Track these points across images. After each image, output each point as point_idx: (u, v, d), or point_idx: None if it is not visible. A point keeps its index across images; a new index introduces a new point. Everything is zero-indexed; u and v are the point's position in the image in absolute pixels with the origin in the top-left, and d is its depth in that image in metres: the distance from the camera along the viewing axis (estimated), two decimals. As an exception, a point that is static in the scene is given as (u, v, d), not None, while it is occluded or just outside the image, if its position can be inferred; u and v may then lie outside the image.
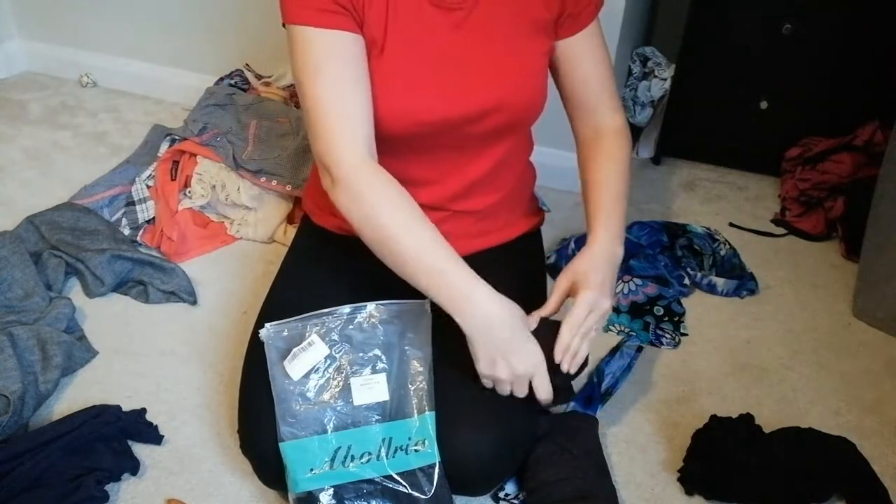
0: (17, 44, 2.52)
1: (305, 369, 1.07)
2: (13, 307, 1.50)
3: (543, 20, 1.15)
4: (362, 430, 1.07)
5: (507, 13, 1.13)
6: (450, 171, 1.20)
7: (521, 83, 1.15)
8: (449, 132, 1.15)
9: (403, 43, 1.10)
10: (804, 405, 1.42)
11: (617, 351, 1.51)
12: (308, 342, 1.08)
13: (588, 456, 1.21)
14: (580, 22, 1.18)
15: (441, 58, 1.11)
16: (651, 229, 1.77)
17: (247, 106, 1.93)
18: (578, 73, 1.22)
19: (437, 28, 1.11)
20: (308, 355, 1.08)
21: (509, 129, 1.20)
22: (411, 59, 1.10)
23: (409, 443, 1.08)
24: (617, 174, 1.22)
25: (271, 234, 1.79)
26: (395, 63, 1.10)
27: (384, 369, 1.10)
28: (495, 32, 1.13)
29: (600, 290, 1.11)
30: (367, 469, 1.06)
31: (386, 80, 1.09)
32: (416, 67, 1.10)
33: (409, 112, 1.11)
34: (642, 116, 2.18)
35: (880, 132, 1.86)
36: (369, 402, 1.08)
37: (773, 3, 1.89)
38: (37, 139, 2.19)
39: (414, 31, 1.10)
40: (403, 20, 1.09)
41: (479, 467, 1.09)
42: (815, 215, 1.89)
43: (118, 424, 1.28)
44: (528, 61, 1.16)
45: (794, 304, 1.67)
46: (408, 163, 1.18)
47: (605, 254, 1.15)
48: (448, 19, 1.11)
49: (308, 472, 1.05)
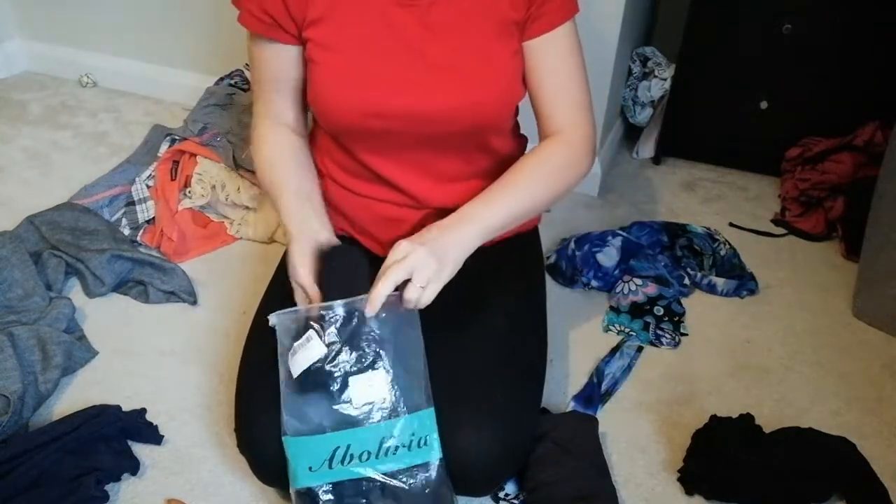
0: (17, 44, 2.52)
1: (304, 366, 1.07)
2: (13, 307, 1.50)
3: (511, 20, 1.14)
4: (362, 429, 1.07)
5: (470, 12, 1.12)
6: (424, 170, 1.21)
7: (488, 83, 1.14)
8: (417, 129, 1.14)
9: (360, 38, 1.12)
10: (804, 405, 1.42)
11: (617, 351, 1.51)
12: (306, 338, 1.08)
13: (588, 456, 1.21)
14: (540, 26, 1.15)
15: (402, 53, 1.12)
16: (651, 229, 1.77)
17: (247, 106, 1.93)
18: (533, 80, 1.18)
19: (399, 24, 1.12)
20: (306, 353, 1.07)
21: (482, 130, 1.19)
22: (368, 54, 1.12)
23: (412, 439, 1.07)
24: (530, 172, 1.17)
25: (271, 234, 1.79)
26: (348, 58, 1.12)
27: (383, 366, 1.10)
28: (460, 31, 1.12)
29: (419, 240, 1.07)
30: (367, 467, 1.06)
31: (339, 74, 1.13)
32: (373, 62, 1.12)
33: (361, 103, 1.12)
34: (642, 116, 2.18)
35: (880, 132, 1.85)
36: (369, 399, 1.07)
37: (773, 3, 1.88)
38: (37, 139, 2.19)
39: (374, 28, 1.12)
40: (359, 14, 1.12)
41: (483, 467, 1.09)
42: (815, 215, 1.89)
43: (118, 424, 1.28)
44: (494, 61, 1.14)
45: (794, 304, 1.67)
46: (386, 161, 1.20)
47: (448, 222, 1.11)
48: (411, 15, 1.12)
49: (307, 469, 1.05)
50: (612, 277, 1.65)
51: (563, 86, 1.19)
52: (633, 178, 2.11)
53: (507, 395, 1.12)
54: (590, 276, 1.66)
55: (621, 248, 1.68)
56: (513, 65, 1.16)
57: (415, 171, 1.21)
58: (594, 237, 1.70)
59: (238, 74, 2.08)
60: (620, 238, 1.69)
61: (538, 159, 1.19)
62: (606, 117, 1.97)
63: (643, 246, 1.70)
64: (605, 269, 1.66)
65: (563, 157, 1.19)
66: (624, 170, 2.14)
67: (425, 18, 1.12)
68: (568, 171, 1.20)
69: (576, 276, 1.67)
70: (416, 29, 1.12)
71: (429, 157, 1.20)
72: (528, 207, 1.17)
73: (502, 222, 1.15)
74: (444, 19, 1.12)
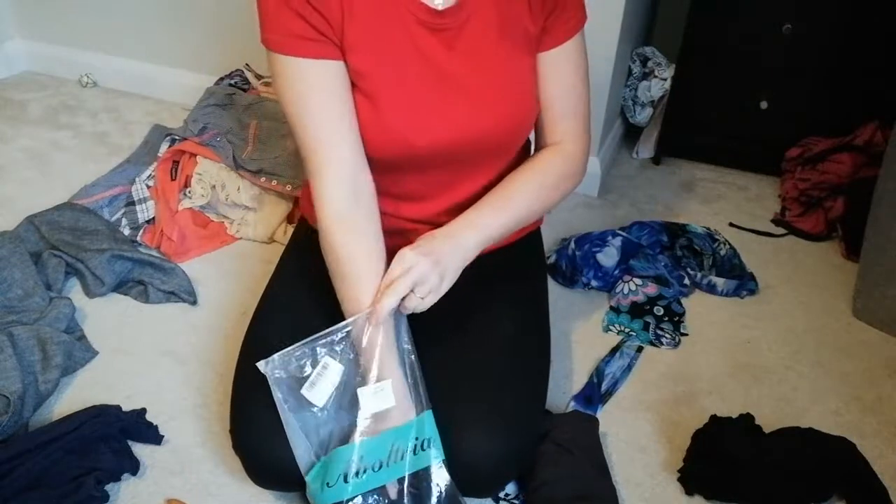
0: (17, 44, 2.52)
1: (328, 392, 1.07)
2: (13, 307, 1.50)
3: (530, 35, 1.14)
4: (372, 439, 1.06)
5: (496, 32, 1.11)
6: (444, 188, 1.20)
7: (517, 102, 1.15)
8: (443, 154, 1.14)
9: (393, 65, 1.09)
10: (804, 405, 1.42)
11: (617, 351, 1.51)
12: (322, 365, 1.07)
13: (588, 456, 1.21)
14: (554, 38, 1.15)
15: (435, 79, 1.11)
16: (651, 229, 1.77)
17: (247, 106, 1.93)
18: (539, 90, 1.18)
19: (429, 49, 1.10)
20: (327, 379, 1.07)
21: (503, 148, 1.19)
22: (403, 82, 1.10)
23: (416, 443, 1.07)
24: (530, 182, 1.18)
25: (271, 234, 1.79)
26: (385, 88, 1.09)
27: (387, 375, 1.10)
28: (488, 52, 1.12)
29: (422, 250, 1.06)
30: (380, 476, 1.06)
31: (378, 106, 1.09)
32: (408, 91, 1.10)
33: (398, 136, 1.10)
34: (642, 116, 2.18)
35: (880, 132, 1.86)
36: (379, 409, 1.07)
37: (773, 3, 1.89)
38: (37, 139, 2.19)
39: (405, 53, 1.09)
40: (390, 41, 1.09)
41: (489, 470, 1.09)
42: (815, 215, 1.89)
43: (118, 424, 1.28)
44: (521, 79, 1.15)
45: (794, 304, 1.67)
46: (399, 180, 1.18)
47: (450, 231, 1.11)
48: (440, 39, 1.10)
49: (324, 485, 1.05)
50: (612, 277, 1.65)
51: (569, 97, 1.20)
52: (633, 178, 2.11)
53: (511, 396, 1.12)
54: (590, 276, 1.66)
55: (621, 248, 1.68)
56: (533, 79, 1.17)
57: (435, 188, 1.20)
58: (594, 237, 1.71)
59: (238, 74, 2.08)
60: (620, 238, 1.69)
61: (538, 169, 1.20)
62: (606, 117, 1.97)
63: (643, 246, 1.70)
64: (605, 269, 1.66)
65: (561, 169, 1.21)
66: (624, 170, 2.14)
67: (453, 42, 1.10)
68: (565, 183, 1.22)
69: (576, 276, 1.67)
70: (445, 53, 1.10)
71: (449, 175, 1.19)
72: (524, 216, 1.19)
73: (501, 231, 1.16)
74: (471, 41, 1.11)
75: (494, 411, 1.09)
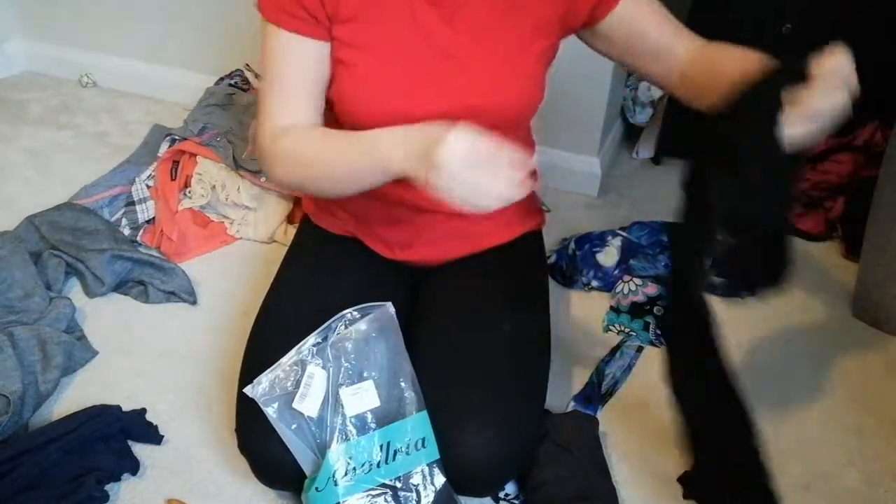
0: (17, 44, 2.52)
1: (319, 400, 1.07)
2: (13, 307, 1.50)
3: (547, 20, 1.13)
4: (360, 440, 1.06)
5: (500, 13, 1.11)
6: None
7: (511, 85, 1.14)
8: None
9: (389, 39, 1.10)
10: (804, 405, 1.42)
11: (617, 351, 1.51)
12: (308, 375, 1.08)
13: (588, 456, 1.21)
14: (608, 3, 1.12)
15: (430, 52, 1.11)
16: (651, 229, 1.76)
17: (247, 106, 1.93)
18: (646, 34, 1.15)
19: (428, 24, 1.10)
20: (315, 388, 1.07)
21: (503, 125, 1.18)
22: (397, 55, 1.10)
23: (409, 443, 1.07)
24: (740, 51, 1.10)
25: (271, 234, 1.79)
26: (377, 59, 1.10)
27: (371, 376, 1.10)
28: (487, 31, 1.12)
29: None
30: (371, 477, 1.06)
31: (368, 76, 1.11)
32: (401, 64, 1.11)
33: (389, 106, 1.11)
34: (642, 116, 2.18)
35: (880, 132, 1.85)
36: (361, 410, 1.07)
37: (773, 3, 1.88)
38: (37, 139, 2.19)
39: (403, 27, 1.10)
40: (388, 9, 1.10)
41: (487, 469, 1.09)
42: (815, 215, 1.89)
43: (118, 424, 1.28)
44: (520, 63, 1.14)
45: (794, 304, 1.67)
46: None
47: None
48: (439, 14, 1.10)
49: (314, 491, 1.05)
50: (612, 277, 1.65)
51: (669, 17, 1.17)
52: (633, 178, 2.11)
53: (511, 397, 1.12)
54: (590, 276, 1.66)
55: (621, 248, 1.68)
56: (539, 66, 1.16)
57: None
58: (594, 237, 1.71)
59: (238, 74, 2.08)
60: (620, 238, 1.69)
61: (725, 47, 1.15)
62: (606, 117, 1.96)
63: (643, 246, 1.70)
64: (605, 269, 1.66)
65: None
66: (624, 170, 2.14)
67: (452, 18, 1.11)
68: None
69: (576, 276, 1.67)
70: (443, 28, 1.11)
71: None
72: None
73: None
74: (471, 19, 1.11)
75: (494, 411, 1.09)
